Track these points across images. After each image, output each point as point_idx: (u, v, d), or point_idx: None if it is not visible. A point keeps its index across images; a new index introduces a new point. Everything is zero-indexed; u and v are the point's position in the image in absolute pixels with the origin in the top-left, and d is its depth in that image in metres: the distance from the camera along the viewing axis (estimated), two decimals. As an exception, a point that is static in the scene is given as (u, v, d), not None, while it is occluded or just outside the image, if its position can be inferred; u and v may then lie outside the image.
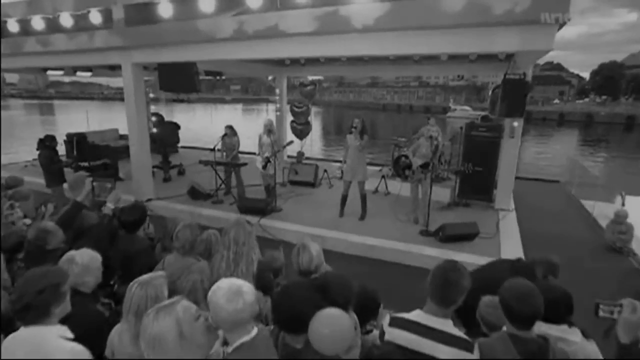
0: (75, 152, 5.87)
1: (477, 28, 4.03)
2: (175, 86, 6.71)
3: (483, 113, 9.47)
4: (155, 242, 3.36)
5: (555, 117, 45.12)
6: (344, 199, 6.30)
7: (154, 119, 9.50)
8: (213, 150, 7.05)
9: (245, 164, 7.14)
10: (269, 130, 6.70)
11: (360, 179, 6.00)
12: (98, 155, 5.95)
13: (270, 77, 11.10)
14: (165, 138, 8.75)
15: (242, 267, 2.27)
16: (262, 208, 6.30)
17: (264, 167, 6.65)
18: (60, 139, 7.65)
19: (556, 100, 61.76)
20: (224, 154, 7.37)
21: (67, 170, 6.27)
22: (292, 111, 10.85)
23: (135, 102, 6.67)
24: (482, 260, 4.65)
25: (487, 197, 7.01)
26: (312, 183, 8.23)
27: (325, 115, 64.39)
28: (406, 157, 7.80)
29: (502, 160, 6.82)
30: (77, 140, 6.79)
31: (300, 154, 10.92)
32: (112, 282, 2.59)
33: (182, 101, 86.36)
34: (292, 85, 11.44)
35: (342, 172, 6.20)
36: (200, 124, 30.82)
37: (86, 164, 5.78)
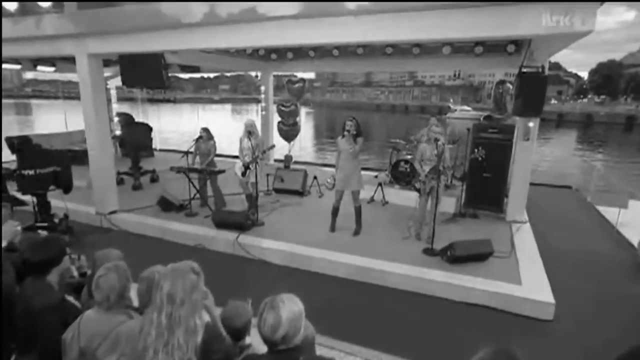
0: (18, 159, 5.07)
1: (497, 5, 3.39)
2: (140, 81, 5.98)
3: (484, 113, 8.88)
4: (87, 281, 2.61)
5: (554, 117, 45.06)
6: (335, 212, 5.64)
7: (116, 119, 8.73)
8: (186, 154, 6.31)
9: (222, 171, 6.42)
10: (249, 132, 5.99)
11: (354, 188, 5.35)
12: (47, 162, 5.16)
13: (254, 74, 10.38)
14: (134, 141, 7.98)
15: (179, 337, 1.56)
16: (241, 223, 5.59)
17: (244, 174, 5.95)
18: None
19: (554, 101, 61.95)
20: (198, 159, 6.64)
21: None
22: (279, 111, 10.16)
23: (93, 100, 5.92)
24: (500, 286, 4.03)
25: (498, 208, 6.40)
26: (299, 191, 7.54)
27: (317, 115, 63.98)
28: (406, 161, 7.16)
29: (514, 166, 6.21)
30: (17, 145, 5.99)
31: (289, 158, 10.23)
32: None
33: (168, 101, 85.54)
34: (281, 86, 10.72)
35: (333, 180, 5.52)
36: (187, 125, 29.99)
37: (31, 172, 5.00)
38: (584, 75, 77.81)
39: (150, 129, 8.87)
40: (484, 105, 55.62)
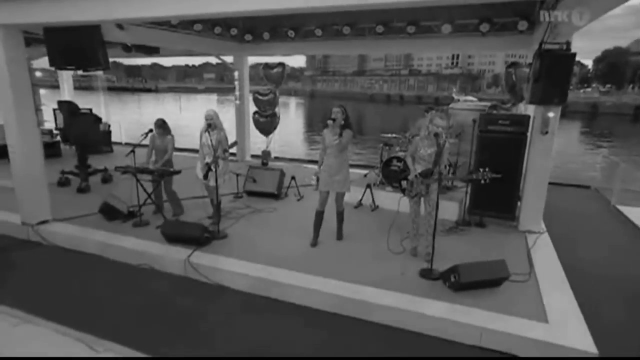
0: None
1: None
2: (71, 59, 5.06)
3: (490, 103, 8.09)
4: None
5: (558, 107, 44.57)
6: (319, 217, 4.85)
7: (41, 107, 7.72)
8: (132, 151, 5.40)
9: (176, 172, 5.55)
10: (209, 125, 5.13)
11: (339, 189, 4.59)
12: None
13: (225, 57, 9.48)
14: (78, 134, 7.04)
15: None
16: (197, 237, 4.73)
17: (205, 176, 5.10)
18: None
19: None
20: (154, 157, 5.77)
21: None
22: (255, 100, 9.30)
23: (12, 85, 4.99)
24: (521, 326, 3.20)
25: (509, 215, 5.64)
26: (275, 194, 6.69)
27: (308, 106, 63.13)
28: (399, 159, 6.35)
29: (529, 164, 5.43)
30: None
31: (266, 154, 9.40)
32: None
33: (148, 90, 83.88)
34: (259, 78, 9.78)
35: (316, 179, 4.71)
36: (170, 117, 28.84)
37: None
38: (588, 63, 77.61)
39: (99, 119, 7.91)
40: (483, 96, 55.18)
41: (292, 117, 41.73)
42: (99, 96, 11.67)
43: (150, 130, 5.59)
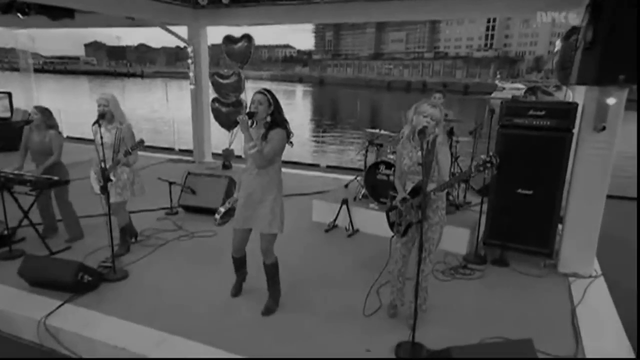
0: None
1: None
2: None
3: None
4: None
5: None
6: (239, 266, 3.67)
7: None
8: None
9: (62, 183, 4.44)
10: (101, 115, 4.00)
11: (263, 228, 3.30)
12: None
13: (177, 30, 8.37)
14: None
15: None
16: (66, 282, 3.60)
17: (103, 188, 3.99)
18: None
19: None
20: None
21: None
22: (214, 84, 8.19)
23: None
24: None
25: (545, 249, 4.41)
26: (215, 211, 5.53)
27: (316, 95, 62.20)
28: (390, 165, 5.12)
29: (576, 175, 4.16)
30: None
31: (228, 153, 8.30)
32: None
33: (133, 75, 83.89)
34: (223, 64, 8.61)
35: (228, 206, 3.53)
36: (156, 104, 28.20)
37: None
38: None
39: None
40: (525, 84, 52.95)
41: (298, 108, 40.82)
42: (30, 78, 10.64)
43: (26, 123, 4.41)
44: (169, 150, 10.83)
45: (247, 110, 3.15)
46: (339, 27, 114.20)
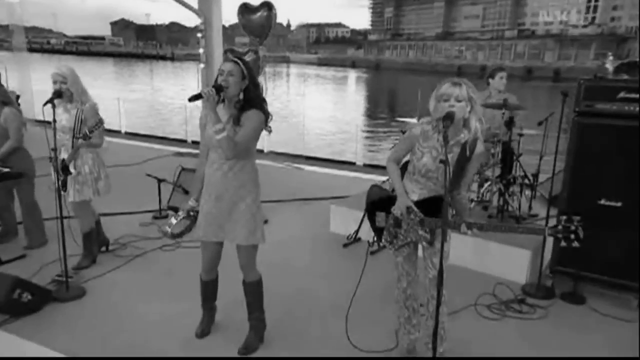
0: None
1: None
2: None
3: None
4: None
5: None
6: (207, 289, 3.41)
7: None
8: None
9: (17, 176, 4.38)
10: (57, 92, 3.90)
11: (241, 238, 3.05)
12: None
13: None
14: None
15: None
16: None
17: (63, 184, 3.96)
18: None
19: None
20: None
21: None
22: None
23: None
24: None
25: (636, 281, 3.88)
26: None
27: (371, 82, 62.07)
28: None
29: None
30: None
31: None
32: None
33: (162, 58, 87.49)
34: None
35: (186, 215, 3.25)
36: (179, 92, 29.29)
37: None
38: None
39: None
40: None
41: (349, 97, 40.78)
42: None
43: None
44: (181, 142, 10.96)
45: (215, 82, 2.86)
46: (401, 2, 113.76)
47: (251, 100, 2.88)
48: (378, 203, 3.02)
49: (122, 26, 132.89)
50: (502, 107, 5.00)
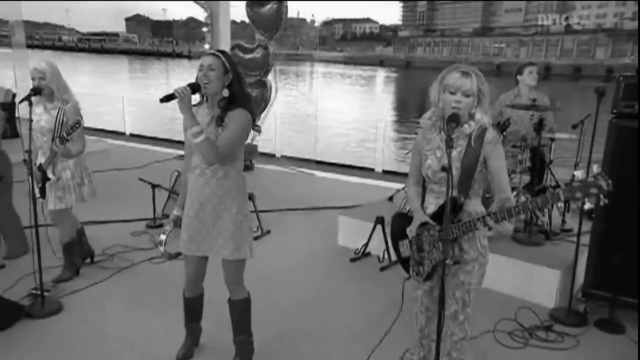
0: None
1: None
2: None
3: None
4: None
5: None
6: (192, 310, 3.35)
7: None
8: None
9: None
10: (36, 90, 3.92)
11: (227, 252, 2.99)
12: None
13: None
14: None
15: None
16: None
17: (41, 191, 4.05)
18: None
19: None
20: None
21: None
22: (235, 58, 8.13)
23: None
24: None
25: None
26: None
27: (400, 82, 62.00)
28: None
29: None
30: None
31: (251, 149, 8.27)
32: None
33: (179, 56, 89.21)
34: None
35: (171, 227, 3.19)
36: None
37: None
38: None
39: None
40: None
41: (376, 98, 40.81)
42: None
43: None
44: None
45: (194, 81, 2.80)
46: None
47: (235, 97, 2.81)
48: (401, 234, 2.88)
49: (137, 22, 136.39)
50: (530, 107, 4.88)
